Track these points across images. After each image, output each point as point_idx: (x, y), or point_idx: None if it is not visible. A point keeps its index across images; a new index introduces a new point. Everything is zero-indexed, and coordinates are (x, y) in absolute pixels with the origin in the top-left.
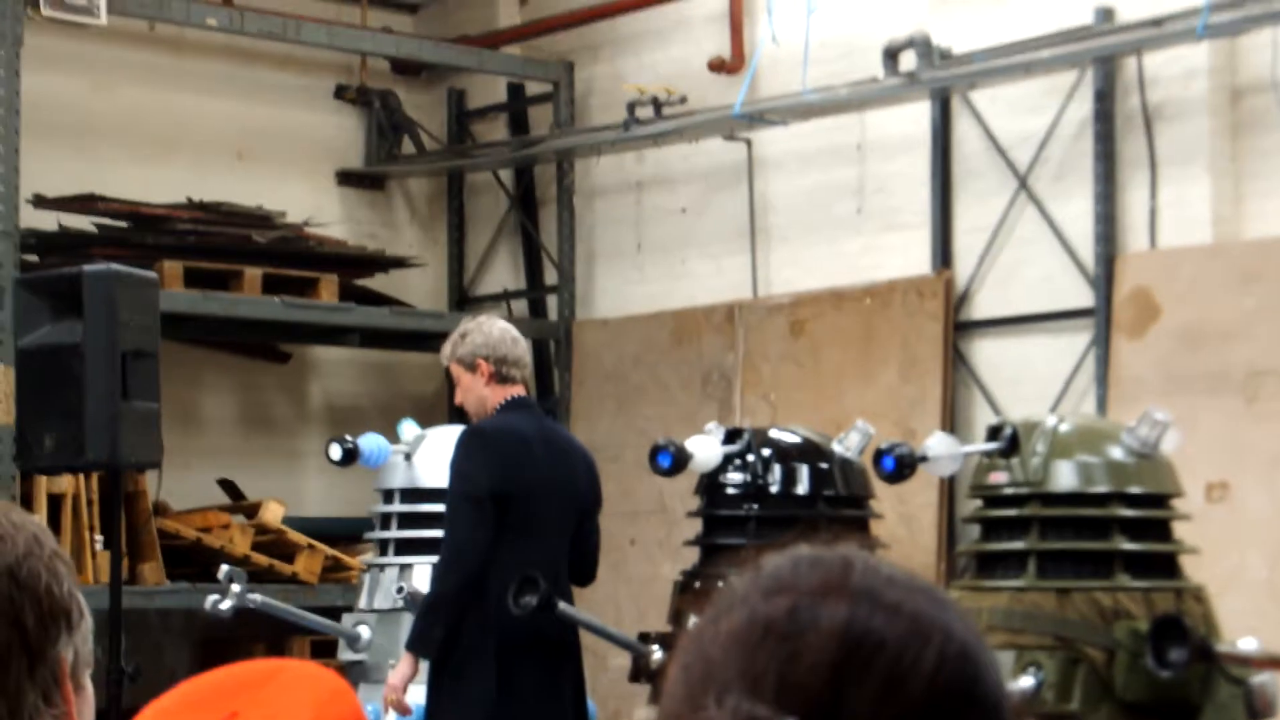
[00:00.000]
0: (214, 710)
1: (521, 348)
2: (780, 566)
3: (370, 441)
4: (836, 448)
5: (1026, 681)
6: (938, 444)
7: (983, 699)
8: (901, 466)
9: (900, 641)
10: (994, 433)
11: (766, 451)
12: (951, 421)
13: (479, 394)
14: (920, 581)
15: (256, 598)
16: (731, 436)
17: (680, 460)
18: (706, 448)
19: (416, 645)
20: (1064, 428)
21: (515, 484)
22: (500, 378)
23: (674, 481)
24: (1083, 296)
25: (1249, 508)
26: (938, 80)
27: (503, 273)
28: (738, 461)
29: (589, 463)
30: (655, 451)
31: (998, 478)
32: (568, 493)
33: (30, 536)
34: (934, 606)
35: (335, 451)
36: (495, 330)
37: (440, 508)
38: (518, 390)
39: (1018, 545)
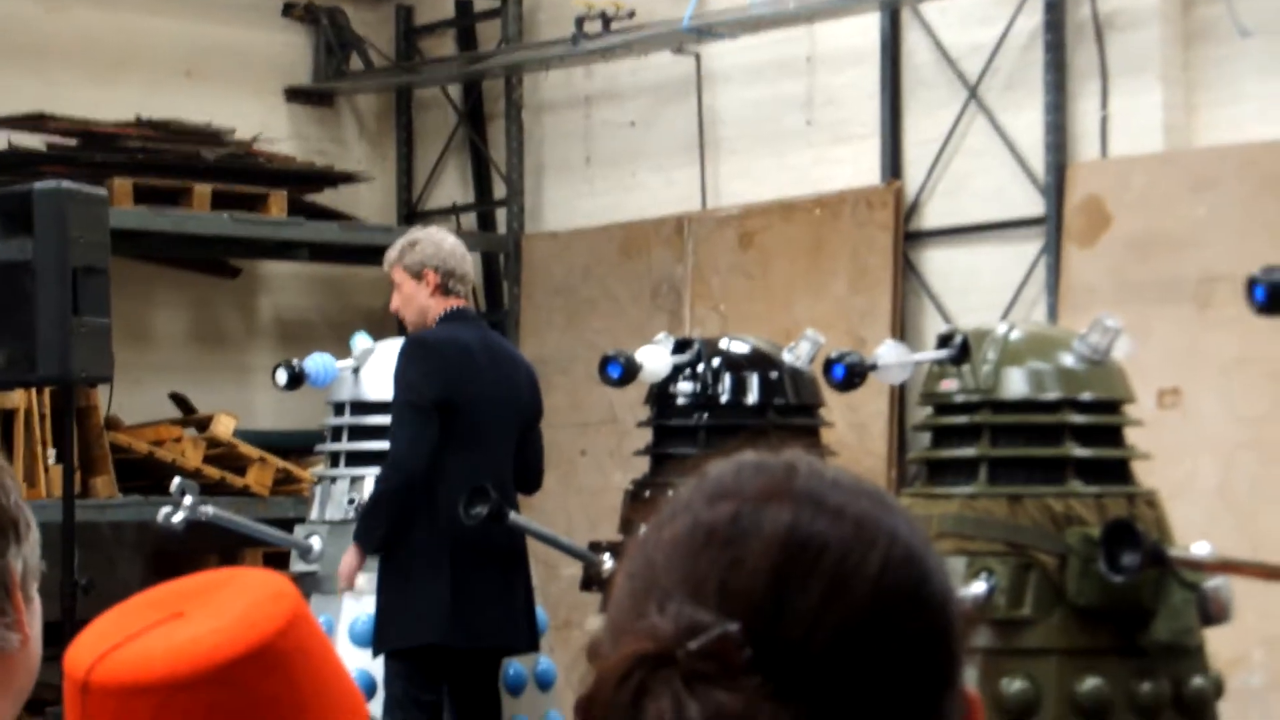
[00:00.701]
0: (163, 609)
1: (469, 264)
2: (724, 473)
3: (316, 362)
4: (786, 357)
5: (978, 587)
6: (888, 352)
7: (929, 601)
8: (852, 375)
9: (844, 545)
10: (944, 340)
11: (716, 361)
12: (902, 331)
13: (421, 304)
14: (866, 485)
15: (208, 510)
16: (681, 347)
17: (630, 371)
18: (656, 358)
19: (361, 538)
20: (1015, 335)
21: (459, 393)
22: (445, 290)
23: (624, 392)
24: (1033, 206)
25: (1201, 414)
26: None
27: (451, 187)
28: (687, 371)
29: (530, 373)
30: (605, 362)
31: (948, 385)
32: (511, 402)
33: None
34: (879, 510)
35: (281, 376)
36: (447, 243)
37: (389, 420)
38: (459, 303)
39: (969, 452)
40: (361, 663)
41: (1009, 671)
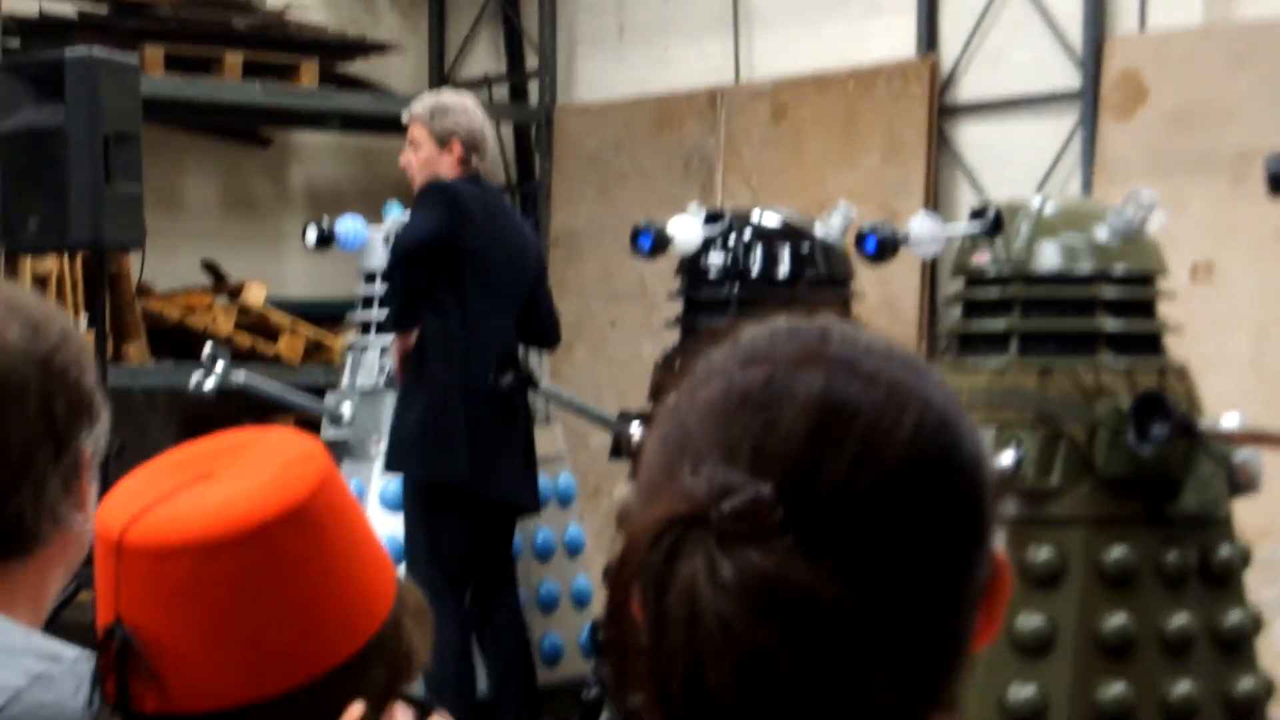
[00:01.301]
0: (192, 470)
1: (492, 139)
2: (757, 337)
3: (347, 225)
4: (818, 229)
5: (1007, 458)
6: (920, 225)
7: (960, 464)
8: (884, 247)
9: (877, 409)
10: (977, 213)
11: (747, 233)
12: (935, 204)
13: (437, 170)
14: (899, 351)
15: (240, 376)
16: (712, 218)
17: (660, 242)
18: (687, 229)
19: (392, 325)
20: (1048, 208)
21: (473, 238)
22: (466, 163)
23: (654, 264)
24: (1070, 79)
25: (1234, 288)
26: None
27: (483, 58)
28: (718, 243)
29: (535, 242)
30: (636, 234)
31: (981, 258)
32: (520, 260)
33: (62, 329)
34: (912, 375)
35: (311, 235)
36: (478, 119)
37: None
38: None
39: (1000, 325)
40: (392, 529)
41: (1036, 540)
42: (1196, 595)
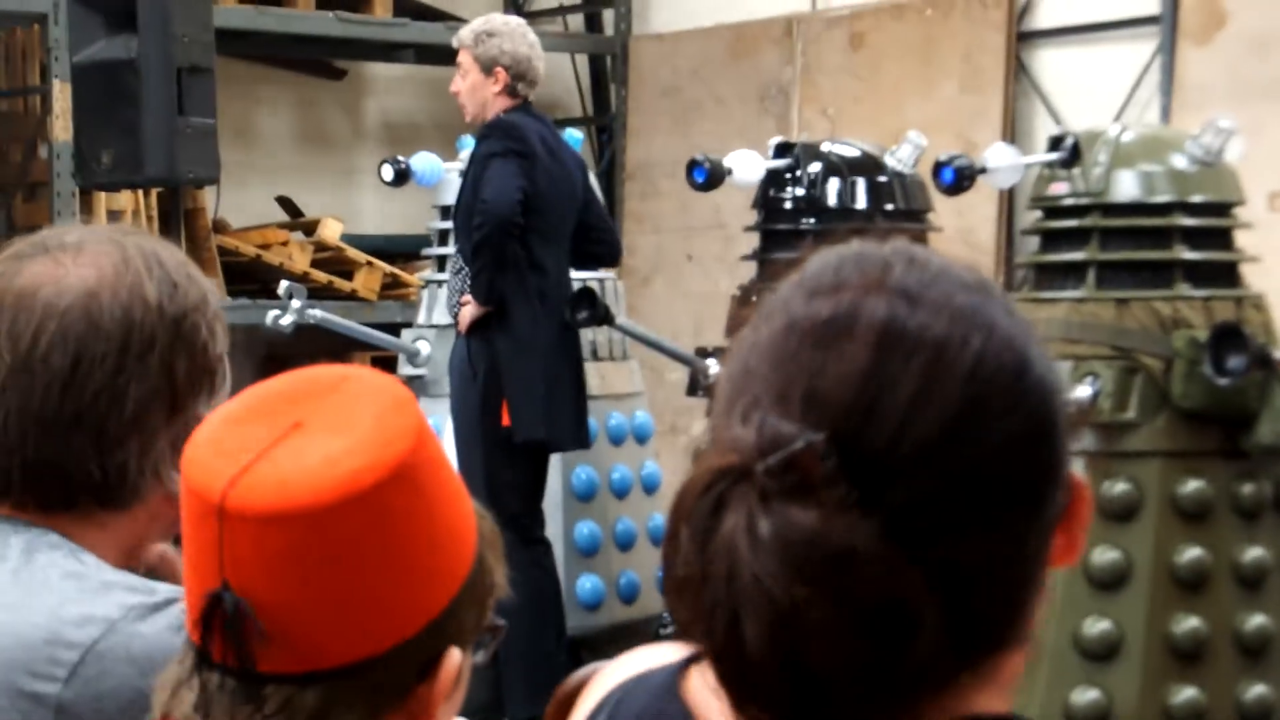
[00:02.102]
0: (279, 418)
1: (541, 66)
2: (824, 268)
3: (422, 161)
4: (888, 160)
5: (1083, 390)
6: (998, 155)
7: (1028, 393)
8: (961, 178)
9: (938, 340)
10: (1055, 143)
11: (820, 166)
12: (1012, 133)
13: (484, 98)
14: (969, 276)
15: (316, 313)
16: (783, 150)
17: (715, 176)
18: (746, 164)
19: (474, 292)
20: (1126, 137)
21: (540, 180)
22: (512, 92)
23: (730, 196)
24: (1148, 4)
25: None
26: None
27: None
28: (794, 175)
29: (585, 170)
30: (691, 166)
31: (1058, 189)
32: (572, 192)
33: (202, 294)
34: (979, 302)
35: (387, 172)
36: (525, 45)
37: None
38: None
39: (1077, 256)
40: None
41: (1112, 474)
42: (1272, 528)
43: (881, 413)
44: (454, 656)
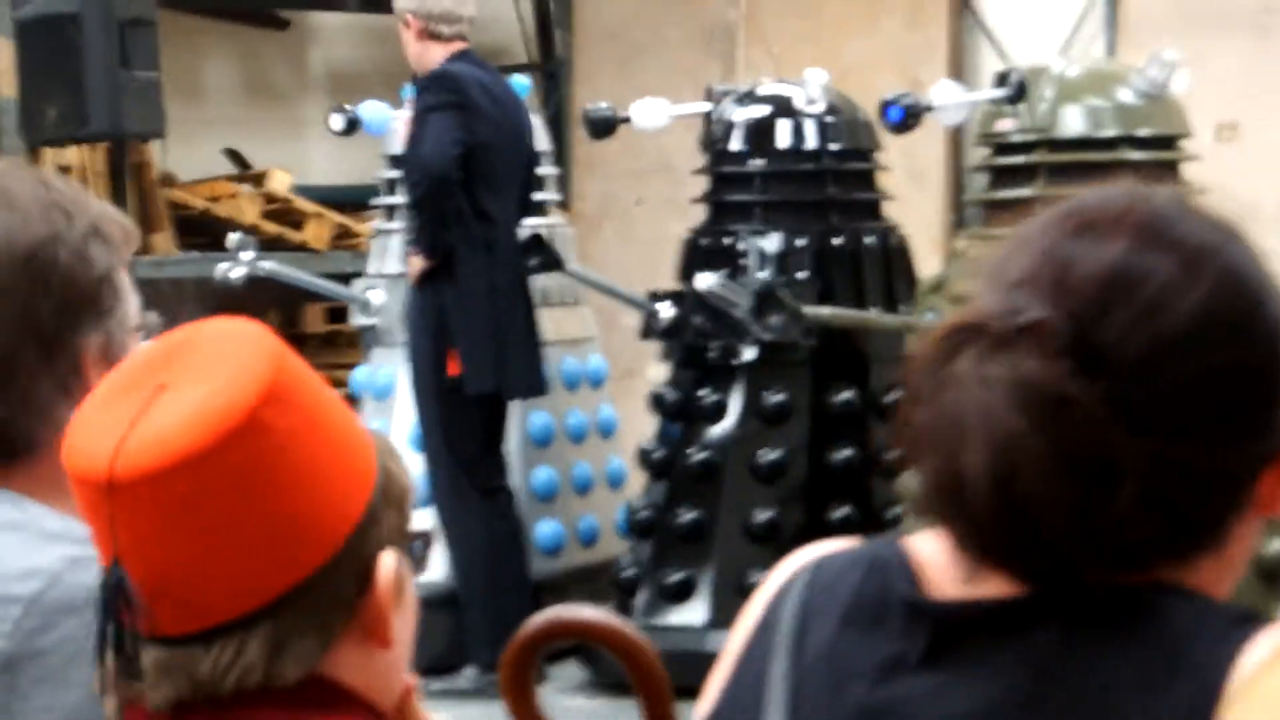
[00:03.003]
0: (144, 387)
1: (462, 5)
2: (1087, 197)
3: (371, 110)
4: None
5: None
6: (944, 92)
7: (1255, 332)
8: (908, 116)
9: (1170, 275)
10: (1001, 79)
11: (769, 108)
12: (959, 70)
13: (414, 52)
14: (1216, 219)
15: (267, 265)
16: (710, 95)
17: (605, 126)
18: (648, 113)
19: (419, 247)
20: (1072, 72)
21: (482, 129)
22: (431, 35)
23: (680, 138)
24: None
25: (1260, 145)
26: None
27: None
28: (741, 118)
29: (530, 119)
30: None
31: (1005, 125)
32: (520, 140)
33: (60, 216)
34: (1221, 243)
35: (336, 122)
36: None
37: None
38: (459, 46)
39: (1026, 192)
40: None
41: None
42: None
43: (1127, 302)
44: (387, 560)
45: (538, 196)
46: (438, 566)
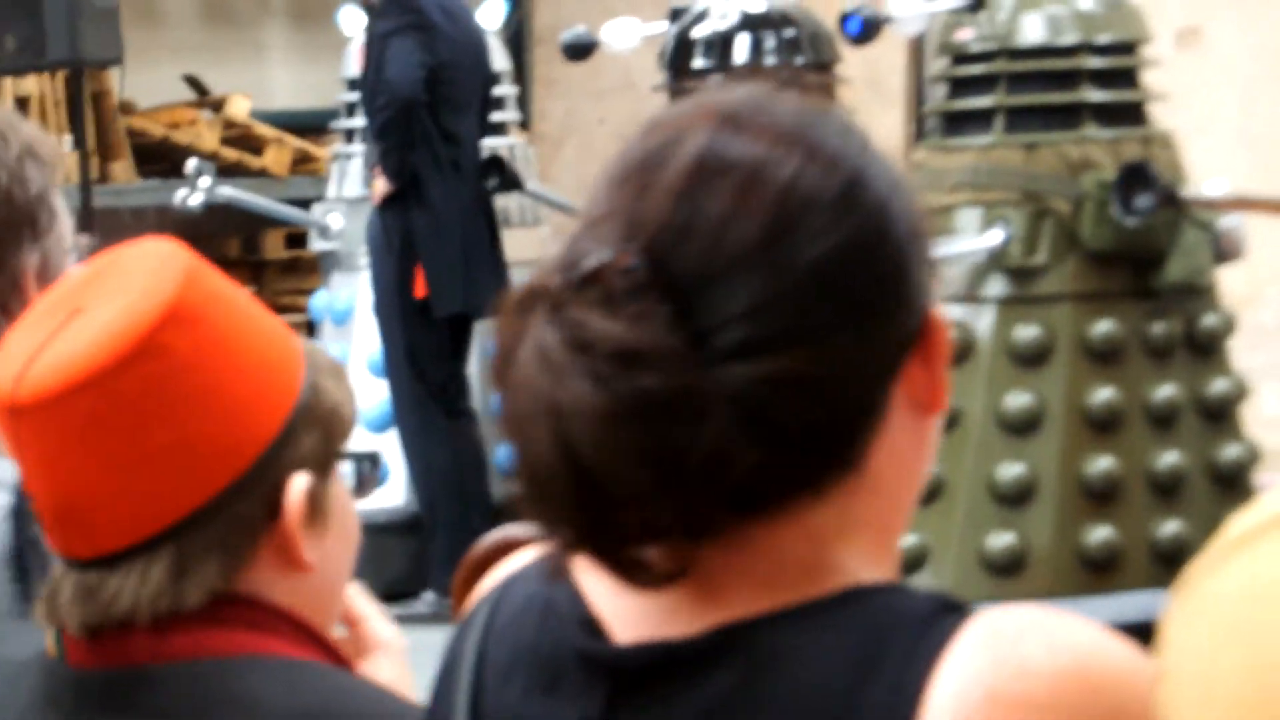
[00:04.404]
0: (59, 312)
1: None
2: (671, 108)
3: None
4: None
5: (994, 236)
6: (904, 3)
7: (853, 212)
8: (867, 28)
9: (757, 158)
10: None
11: (728, 24)
12: None
13: None
14: (812, 109)
15: (226, 191)
16: (676, 14)
17: (581, 49)
18: (619, 34)
19: (385, 170)
20: None
21: (443, 48)
22: None
23: (642, 57)
24: None
25: (1221, 51)
26: None
27: None
28: (703, 35)
29: (486, 39)
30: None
31: (964, 34)
32: (479, 58)
33: None
34: (810, 127)
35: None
36: None
37: None
38: None
39: (985, 102)
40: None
41: (1023, 318)
42: (1182, 366)
43: (692, 230)
44: (298, 482)
45: (497, 116)
46: (399, 491)
